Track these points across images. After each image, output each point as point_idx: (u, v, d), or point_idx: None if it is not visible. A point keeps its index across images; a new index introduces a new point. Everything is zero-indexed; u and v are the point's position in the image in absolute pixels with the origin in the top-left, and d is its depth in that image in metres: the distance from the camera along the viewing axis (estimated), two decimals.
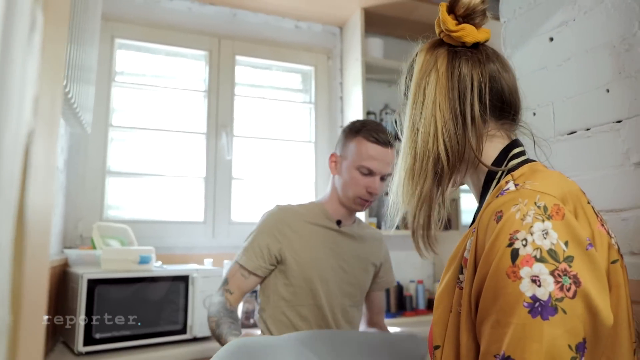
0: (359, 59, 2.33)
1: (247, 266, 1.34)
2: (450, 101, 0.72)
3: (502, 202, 0.63)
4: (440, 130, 0.71)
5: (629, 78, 0.91)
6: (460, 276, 0.68)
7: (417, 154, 0.72)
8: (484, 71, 0.74)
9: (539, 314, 0.55)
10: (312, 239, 1.37)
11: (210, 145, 2.29)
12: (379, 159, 1.32)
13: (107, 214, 2.10)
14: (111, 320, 1.54)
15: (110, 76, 2.16)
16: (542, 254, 0.57)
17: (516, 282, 0.57)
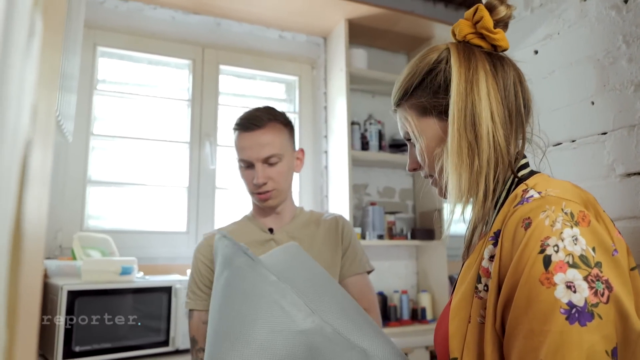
0: (343, 70, 2.34)
1: (203, 308, 1.24)
2: (502, 99, 0.71)
3: (529, 209, 0.62)
4: (497, 125, 0.70)
5: (614, 91, 0.93)
6: (478, 285, 0.67)
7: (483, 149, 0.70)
8: (520, 76, 0.75)
9: (576, 320, 0.54)
10: None
11: (193, 155, 2.26)
12: (248, 146, 1.25)
13: (88, 224, 2.06)
14: (91, 332, 1.50)
15: (92, 84, 2.12)
16: (575, 260, 0.56)
17: (550, 288, 0.56)
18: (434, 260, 2.48)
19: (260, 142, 1.24)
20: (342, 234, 1.38)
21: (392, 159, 2.43)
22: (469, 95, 0.71)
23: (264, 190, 1.26)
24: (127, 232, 2.10)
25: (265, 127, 1.26)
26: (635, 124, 0.89)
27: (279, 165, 1.28)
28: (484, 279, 0.66)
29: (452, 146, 0.71)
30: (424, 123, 0.78)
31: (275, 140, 1.27)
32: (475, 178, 0.70)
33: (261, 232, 1.32)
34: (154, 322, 1.64)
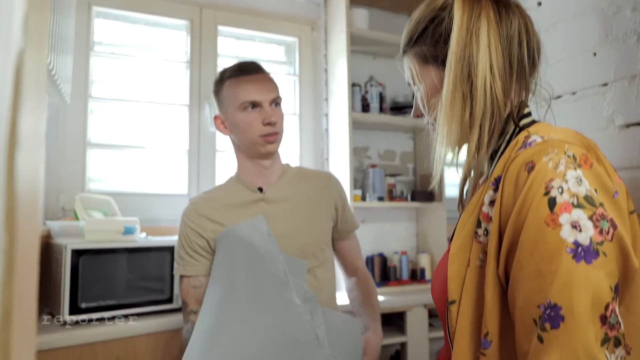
0: (343, 31, 2.30)
1: (192, 273, 1.25)
2: (503, 51, 0.70)
3: (531, 152, 0.62)
4: (497, 78, 0.69)
5: (616, 41, 0.92)
6: (478, 230, 0.68)
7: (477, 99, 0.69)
8: (530, 24, 0.74)
9: (582, 258, 0.56)
10: (236, 222, 1.24)
11: (193, 117, 2.25)
12: (256, 86, 1.24)
13: (89, 186, 2.07)
14: (96, 290, 1.53)
15: (88, 46, 2.09)
16: (579, 200, 0.58)
17: (556, 229, 0.57)
18: (434, 222, 2.51)
19: (267, 83, 1.28)
20: (334, 191, 1.39)
21: (393, 122, 2.42)
22: (468, 46, 0.70)
23: (274, 131, 1.26)
24: (129, 194, 2.12)
25: (265, 74, 1.30)
26: (636, 74, 0.88)
27: (280, 109, 1.31)
28: (484, 224, 0.67)
29: (445, 96, 0.72)
30: (424, 71, 0.79)
31: (277, 87, 1.32)
32: (467, 129, 0.70)
33: (250, 193, 1.30)
34: (157, 281, 1.67)
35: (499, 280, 0.64)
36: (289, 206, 1.30)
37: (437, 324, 2.32)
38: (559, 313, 0.55)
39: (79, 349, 1.42)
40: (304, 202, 1.33)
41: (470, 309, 0.67)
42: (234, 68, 1.29)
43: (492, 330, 0.63)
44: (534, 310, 0.58)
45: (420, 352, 2.15)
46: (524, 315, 0.59)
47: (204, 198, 1.32)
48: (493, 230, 0.65)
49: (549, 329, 0.56)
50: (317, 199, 1.35)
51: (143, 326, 1.54)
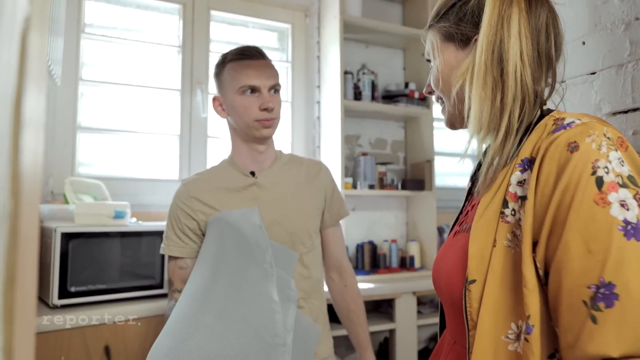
0: (336, 17, 2.29)
1: (179, 254, 1.26)
2: (533, 39, 0.71)
3: (574, 133, 0.62)
4: (526, 64, 0.69)
5: (605, 30, 0.93)
6: (504, 210, 0.67)
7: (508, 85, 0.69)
8: (555, 19, 0.75)
9: (632, 236, 0.56)
10: (227, 204, 1.26)
11: (185, 102, 2.24)
12: (256, 71, 1.25)
13: (79, 170, 2.06)
14: (86, 274, 1.53)
15: (79, 28, 2.07)
16: (624, 180, 0.58)
17: (606, 208, 0.57)
18: (424, 211, 2.53)
19: (267, 69, 1.27)
20: (325, 180, 1.40)
21: (384, 110, 2.42)
22: (500, 31, 0.70)
23: (271, 117, 1.27)
24: (119, 179, 2.11)
25: (268, 61, 1.30)
26: (623, 63, 0.89)
27: (279, 96, 1.32)
28: (512, 204, 0.67)
29: (477, 78, 0.71)
30: (444, 47, 0.79)
31: (277, 75, 1.31)
32: (498, 114, 0.70)
33: (243, 177, 1.31)
34: (147, 266, 1.67)
35: (534, 264, 0.63)
36: (279, 192, 1.31)
37: (425, 311, 2.35)
38: (613, 291, 0.54)
39: (68, 333, 1.42)
40: (294, 189, 1.34)
41: (497, 290, 0.66)
42: (237, 51, 1.29)
43: (533, 314, 0.62)
44: (584, 291, 0.57)
45: (408, 339, 2.18)
46: (572, 297, 0.58)
47: (196, 180, 1.32)
48: (528, 209, 0.64)
49: (604, 308, 0.55)
50: (307, 186, 1.36)
51: (133, 311, 1.54)
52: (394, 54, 2.71)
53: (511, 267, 0.65)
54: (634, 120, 0.87)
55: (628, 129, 0.87)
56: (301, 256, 1.30)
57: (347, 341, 2.17)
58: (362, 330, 1.42)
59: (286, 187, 1.33)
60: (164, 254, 1.30)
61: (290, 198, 1.32)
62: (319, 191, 1.37)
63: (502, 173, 0.70)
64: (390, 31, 2.44)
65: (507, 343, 0.64)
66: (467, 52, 0.76)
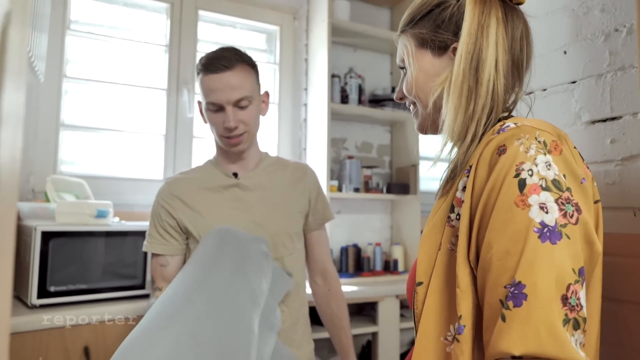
0: (325, 20, 2.30)
1: (159, 252, 1.27)
2: (508, 52, 0.72)
3: (504, 137, 0.64)
4: (500, 74, 0.71)
5: (585, 40, 0.95)
6: (450, 215, 0.69)
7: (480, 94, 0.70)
8: (528, 31, 0.76)
9: (547, 238, 0.57)
10: (208, 204, 1.27)
11: (170, 102, 2.23)
12: (218, 88, 1.19)
13: (61, 168, 2.03)
14: (66, 273, 1.51)
15: (64, 24, 2.05)
16: (547, 184, 0.59)
17: (525, 209, 0.58)
18: (408, 215, 2.54)
19: (230, 84, 1.19)
20: (309, 183, 1.40)
21: (371, 114, 2.43)
22: (479, 39, 0.71)
23: (236, 134, 1.23)
24: (102, 178, 2.09)
25: (234, 69, 1.20)
26: (602, 73, 0.91)
27: (249, 108, 1.24)
28: (457, 209, 0.68)
29: (454, 86, 0.72)
30: (419, 54, 0.79)
31: (245, 83, 1.22)
32: (467, 122, 0.71)
33: (225, 178, 1.31)
34: (130, 266, 1.65)
35: (469, 264, 0.64)
36: (262, 194, 1.31)
37: (408, 315, 2.36)
38: (522, 291, 0.56)
39: (47, 334, 1.40)
40: (277, 192, 1.34)
41: (439, 292, 0.67)
42: (203, 62, 1.23)
43: (465, 314, 0.63)
44: (501, 291, 0.58)
45: (391, 342, 2.19)
46: (491, 296, 0.59)
47: (179, 179, 1.32)
48: (464, 212, 0.65)
49: (512, 307, 0.56)
50: (291, 189, 1.36)
51: (114, 311, 1.52)
52: (382, 59, 2.73)
53: (452, 270, 0.67)
54: (611, 128, 0.88)
55: (606, 137, 0.89)
56: (282, 258, 1.30)
57: (329, 344, 2.17)
58: (345, 335, 1.42)
59: (269, 189, 1.33)
60: (147, 252, 1.29)
61: (272, 200, 1.32)
62: (303, 194, 1.37)
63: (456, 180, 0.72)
64: (377, 35, 2.46)
65: (446, 344, 0.65)
66: (443, 59, 0.76)
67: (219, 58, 1.21)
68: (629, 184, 0.77)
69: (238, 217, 1.27)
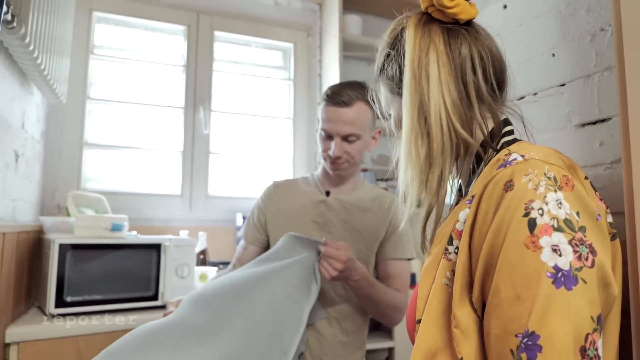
0: (336, 36, 2.34)
1: (244, 237, 1.44)
2: (455, 82, 0.67)
3: (511, 171, 0.59)
4: (451, 112, 0.66)
5: (573, 42, 0.93)
6: (448, 247, 0.64)
7: (433, 138, 0.66)
8: (483, 49, 0.70)
9: (562, 284, 0.52)
10: (295, 212, 1.39)
11: (188, 120, 2.30)
12: (332, 120, 1.29)
13: (85, 185, 2.12)
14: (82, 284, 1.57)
15: (88, 49, 2.16)
16: (559, 224, 0.54)
17: (536, 252, 0.53)
18: None
19: (344, 120, 1.27)
20: (390, 216, 1.39)
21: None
22: (419, 84, 0.67)
23: (337, 162, 1.33)
24: (124, 193, 2.17)
25: (352, 106, 1.28)
26: (590, 74, 0.89)
27: (356, 143, 1.31)
28: (456, 242, 0.64)
29: (404, 138, 0.69)
30: (392, 101, 0.77)
31: (359, 121, 1.30)
32: (426, 169, 0.67)
33: (318, 193, 1.41)
34: (143, 277, 1.70)
35: (471, 305, 0.60)
36: (343, 217, 1.37)
37: None
38: (537, 342, 0.51)
39: (62, 342, 1.45)
40: (358, 219, 1.38)
41: (430, 328, 0.62)
42: (328, 93, 1.32)
43: (467, 357, 0.58)
44: (511, 340, 0.53)
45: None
46: (500, 345, 0.55)
47: (282, 184, 1.48)
48: (463, 246, 0.61)
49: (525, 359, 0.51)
50: (371, 219, 1.38)
51: (127, 322, 1.57)
52: None
53: (446, 307, 0.62)
54: (600, 131, 0.87)
55: (595, 140, 0.87)
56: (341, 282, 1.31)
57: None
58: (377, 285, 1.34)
59: (351, 214, 1.38)
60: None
61: (350, 225, 1.37)
62: (382, 225, 1.38)
63: (455, 209, 0.68)
64: None
65: None
66: None
67: (342, 94, 1.29)
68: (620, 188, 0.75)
69: (315, 232, 1.35)
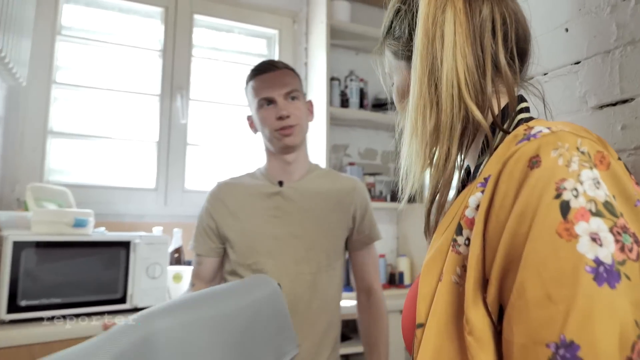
0: (324, 22, 2.21)
1: (197, 251, 1.32)
2: (473, 46, 0.58)
3: (536, 145, 0.49)
4: (463, 81, 0.57)
5: (589, 14, 0.82)
6: (457, 238, 0.54)
7: (443, 109, 0.58)
8: (507, 11, 0.61)
9: (605, 281, 0.42)
10: (249, 211, 1.29)
11: (164, 108, 2.15)
12: (268, 84, 1.27)
13: (49, 177, 1.96)
14: (40, 286, 1.42)
15: (54, 29, 2.00)
16: (598, 207, 0.44)
17: (572, 241, 0.43)
18: (415, 225, 2.40)
19: (281, 80, 1.28)
20: (357, 199, 1.35)
21: (374, 118, 2.32)
22: (432, 46, 0.58)
23: (288, 125, 1.25)
24: (93, 187, 2.01)
25: (283, 70, 1.31)
26: (610, 49, 0.78)
27: (299, 103, 1.29)
28: (466, 231, 0.53)
29: (411, 105, 0.60)
30: (397, 67, 0.69)
31: (294, 79, 1.32)
32: (432, 143, 0.59)
33: (270, 185, 1.32)
34: (110, 279, 1.56)
35: (485, 307, 0.50)
36: (304, 206, 1.30)
37: None
38: (577, 354, 0.41)
39: (15, 351, 1.30)
40: (321, 205, 1.31)
41: (437, 335, 0.52)
42: (252, 69, 1.33)
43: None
44: (542, 351, 0.43)
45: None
46: (526, 357, 0.45)
47: (228, 183, 1.36)
48: (476, 236, 0.51)
49: None
50: (336, 204, 1.32)
51: (91, 328, 1.43)
52: None
53: (457, 309, 0.52)
54: (622, 113, 0.75)
55: (616, 123, 0.76)
56: (315, 274, 1.27)
57: None
58: (381, 355, 1.37)
59: (312, 201, 1.31)
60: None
61: (314, 213, 1.30)
62: (348, 211, 1.33)
63: (464, 193, 0.57)
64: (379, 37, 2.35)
65: None
66: None
67: (265, 63, 1.33)
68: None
69: (276, 226, 1.27)
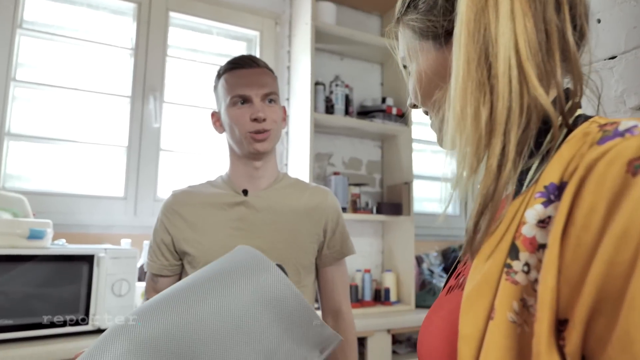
0: (308, 24, 2.10)
1: (151, 270, 1.18)
2: (534, 17, 0.46)
3: (636, 144, 0.38)
4: (524, 57, 0.45)
5: (626, 2, 0.73)
6: (512, 263, 0.43)
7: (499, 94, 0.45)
8: None
9: None
10: (209, 222, 1.15)
11: (135, 111, 2.00)
12: (247, 81, 1.15)
13: (5, 183, 1.78)
14: None
15: (14, 23, 1.83)
16: None
17: None
18: (401, 238, 2.29)
19: (260, 79, 1.17)
20: (328, 211, 1.22)
21: (359, 126, 2.21)
22: (483, 14, 0.46)
23: (263, 129, 1.13)
24: (54, 194, 1.84)
25: (264, 69, 1.20)
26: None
27: (276, 107, 1.18)
28: (525, 255, 0.42)
29: (455, 90, 0.47)
30: (419, 46, 0.57)
31: (274, 83, 1.21)
32: (486, 139, 0.46)
33: (233, 194, 1.18)
34: (70, 297, 1.39)
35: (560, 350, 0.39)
36: (271, 217, 1.16)
37: (401, 351, 2.10)
38: None
39: None
40: (289, 217, 1.17)
41: None
42: (229, 62, 1.20)
43: None
44: None
45: None
46: None
47: (184, 192, 1.21)
48: (550, 263, 0.39)
49: None
50: (305, 215, 1.19)
51: (48, 352, 1.26)
52: (371, 68, 2.52)
53: (515, 356, 0.41)
54: None
55: None
56: None
57: None
58: None
59: (280, 212, 1.17)
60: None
61: (282, 225, 1.16)
62: (318, 223, 1.20)
63: (515, 206, 0.45)
64: (366, 42, 2.26)
65: None
66: (450, 49, 0.51)
67: (245, 57, 1.20)
68: None
69: (239, 240, 1.12)
